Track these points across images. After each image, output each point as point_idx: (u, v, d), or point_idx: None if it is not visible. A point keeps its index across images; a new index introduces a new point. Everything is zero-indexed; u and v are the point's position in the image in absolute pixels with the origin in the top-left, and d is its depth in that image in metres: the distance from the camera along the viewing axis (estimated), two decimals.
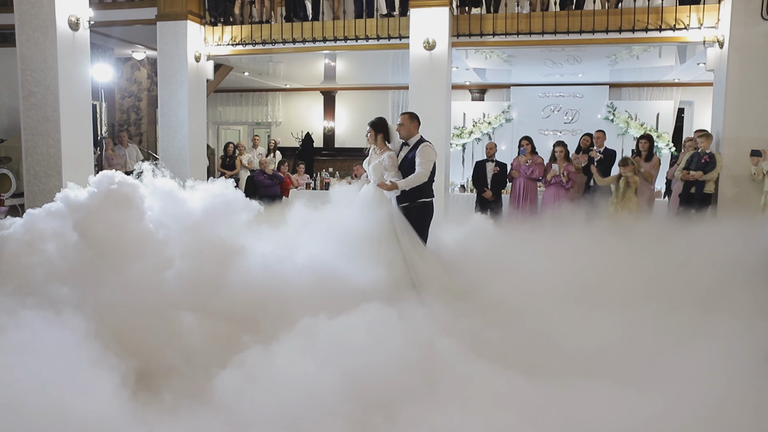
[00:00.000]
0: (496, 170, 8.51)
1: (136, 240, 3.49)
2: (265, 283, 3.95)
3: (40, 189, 6.72)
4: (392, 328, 3.25)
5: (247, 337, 3.35)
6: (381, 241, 4.80)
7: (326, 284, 4.09)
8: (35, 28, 6.54)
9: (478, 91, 13.48)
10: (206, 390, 2.86)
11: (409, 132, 5.37)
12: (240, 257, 3.96)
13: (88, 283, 3.41)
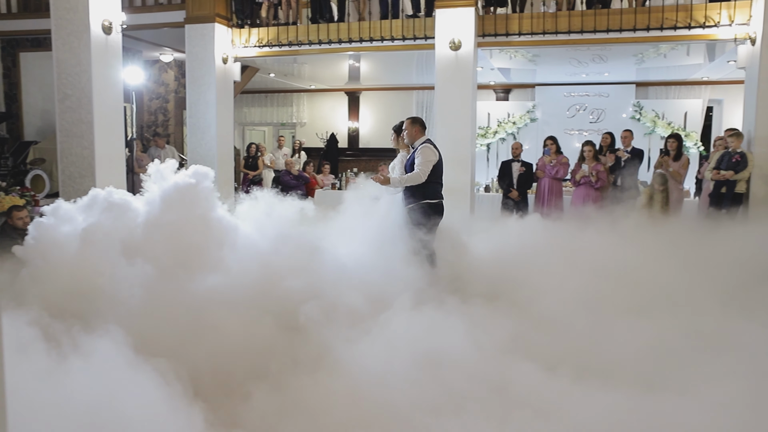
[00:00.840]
0: (522, 170, 8.50)
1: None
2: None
3: (74, 189, 6.87)
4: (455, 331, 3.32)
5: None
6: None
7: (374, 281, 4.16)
8: (70, 33, 6.69)
9: (502, 90, 13.44)
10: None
11: (411, 136, 5.47)
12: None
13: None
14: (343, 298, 3.76)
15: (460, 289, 4.36)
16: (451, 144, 8.24)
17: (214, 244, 3.69)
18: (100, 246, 3.45)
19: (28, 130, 10.86)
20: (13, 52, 10.99)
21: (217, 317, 3.15)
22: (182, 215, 3.65)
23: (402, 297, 3.80)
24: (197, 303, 3.24)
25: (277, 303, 3.48)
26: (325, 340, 3.26)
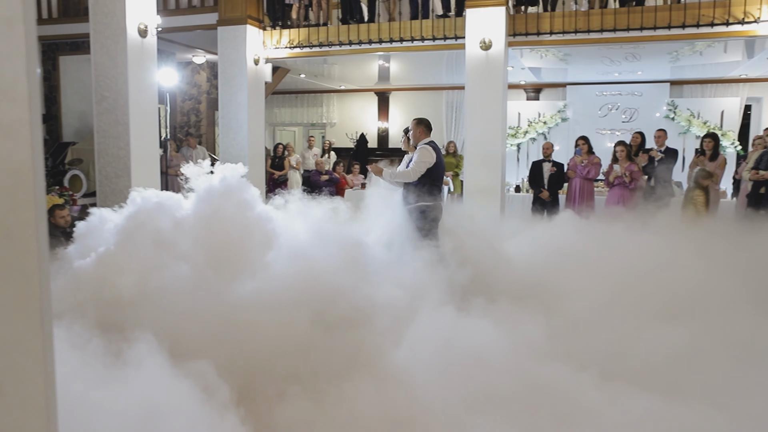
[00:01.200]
0: (553, 170, 8.42)
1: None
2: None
3: (111, 189, 7.04)
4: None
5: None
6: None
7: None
8: (108, 37, 6.85)
9: (533, 90, 13.33)
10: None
11: (415, 137, 5.49)
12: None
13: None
14: (382, 297, 3.77)
15: (494, 290, 4.32)
16: (481, 144, 8.22)
17: (259, 243, 3.74)
18: (144, 248, 3.49)
19: (67, 132, 11.14)
20: (53, 55, 11.29)
21: (258, 317, 3.15)
22: (226, 213, 3.70)
23: (431, 297, 3.80)
24: (240, 303, 3.24)
25: (320, 301, 3.49)
26: (367, 341, 3.26)
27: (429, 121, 5.58)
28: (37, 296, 1.22)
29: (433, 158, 5.27)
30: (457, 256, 4.82)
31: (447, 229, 5.38)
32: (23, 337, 1.22)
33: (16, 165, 1.19)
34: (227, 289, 3.33)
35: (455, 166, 11.35)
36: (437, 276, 4.36)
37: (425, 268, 4.43)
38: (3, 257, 1.18)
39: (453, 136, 13.70)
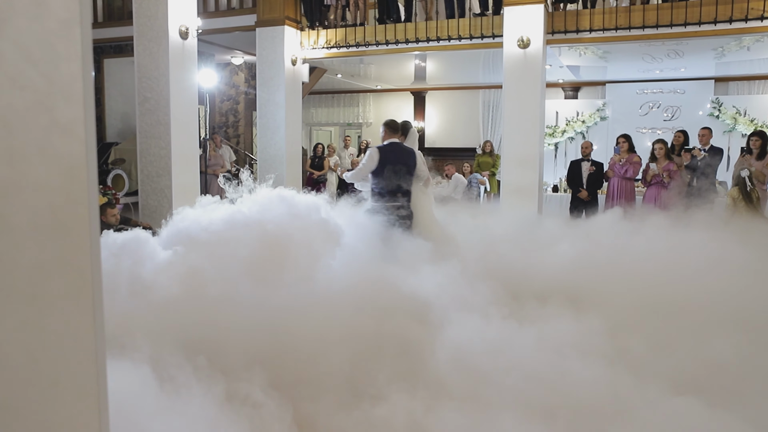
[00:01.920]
0: (592, 170, 8.28)
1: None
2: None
3: (152, 188, 7.20)
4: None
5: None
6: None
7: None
8: (150, 39, 7.01)
9: (571, 89, 13.14)
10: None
11: (382, 139, 5.51)
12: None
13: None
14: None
15: (547, 293, 4.22)
16: (518, 143, 8.14)
17: (322, 247, 3.79)
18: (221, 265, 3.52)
19: (110, 132, 11.44)
20: (98, 58, 11.61)
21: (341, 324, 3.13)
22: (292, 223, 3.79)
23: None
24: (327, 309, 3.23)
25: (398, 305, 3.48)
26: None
27: (395, 122, 5.53)
28: (90, 291, 1.26)
29: (373, 162, 5.21)
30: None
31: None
32: (76, 330, 1.26)
33: (71, 162, 1.22)
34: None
35: (491, 165, 11.27)
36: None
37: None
38: (57, 251, 1.22)
39: (490, 135, 13.61)
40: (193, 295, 3.24)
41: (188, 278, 3.38)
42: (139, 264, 3.52)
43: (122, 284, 3.32)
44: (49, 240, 1.20)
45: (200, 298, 3.21)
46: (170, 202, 7.06)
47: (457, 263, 4.37)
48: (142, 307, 3.14)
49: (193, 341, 2.77)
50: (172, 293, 3.28)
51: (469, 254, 4.91)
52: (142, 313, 3.04)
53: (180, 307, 3.14)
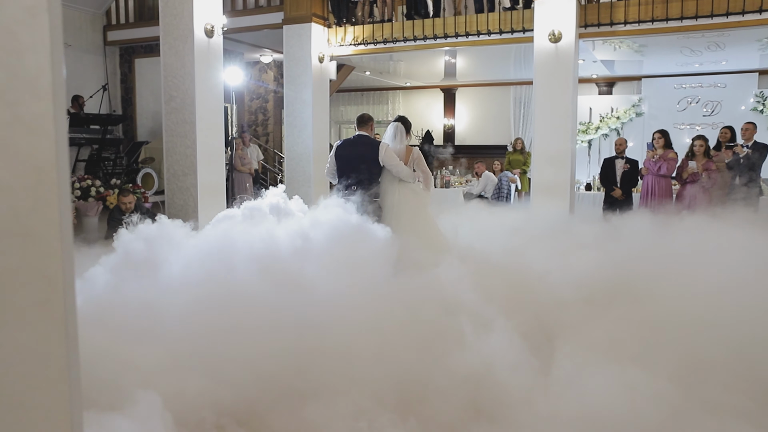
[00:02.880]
0: (626, 167, 8.00)
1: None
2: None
3: (178, 186, 7.20)
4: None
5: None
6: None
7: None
8: (176, 38, 7.00)
9: (605, 84, 12.79)
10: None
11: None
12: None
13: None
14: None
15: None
16: (550, 140, 7.91)
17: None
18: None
19: (141, 131, 11.55)
20: (130, 58, 11.74)
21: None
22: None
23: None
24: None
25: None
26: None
27: (361, 116, 5.50)
28: (62, 301, 1.16)
29: (330, 157, 5.39)
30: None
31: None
32: (47, 343, 1.16)
33: (39, 162, 1.13)
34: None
35: (522, 163, 11.03)
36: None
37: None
38: (25, 259, 1.13)
39: (521, 132, 13.35)
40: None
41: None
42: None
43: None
44: (14, 247, 1.11)
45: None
46: (195, 200, 7.04)
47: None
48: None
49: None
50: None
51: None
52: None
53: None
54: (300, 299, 3.23)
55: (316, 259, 3.65)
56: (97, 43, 11.31)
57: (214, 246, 3.75)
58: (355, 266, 3.57)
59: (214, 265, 3.52)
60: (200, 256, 3.62)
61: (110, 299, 3.32)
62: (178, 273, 3.53)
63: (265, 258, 3.61)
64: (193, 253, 3.68)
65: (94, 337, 2.66)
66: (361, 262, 3.63)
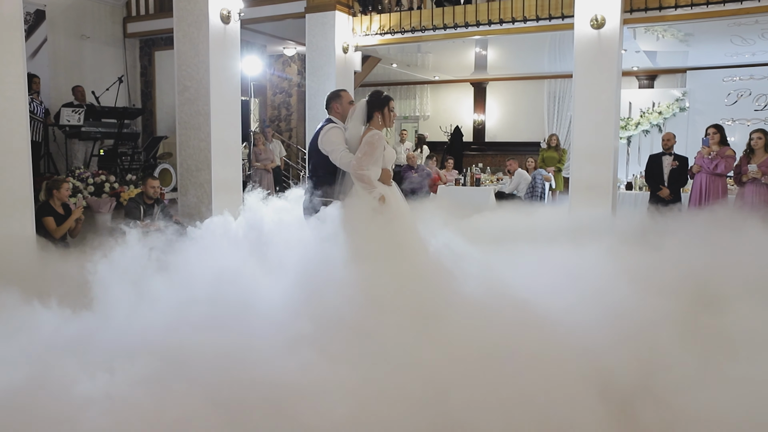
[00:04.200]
0: (675, 165, 7.35)
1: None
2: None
3: (192, 182, 6.78)
4: None
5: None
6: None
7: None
8: (190, 24, 6.59)
9: (646, 77, 12.10)
10: None
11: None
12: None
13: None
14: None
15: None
16: (590, 136, 7.30)
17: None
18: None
19: (161, 126, 11.22)
20: (150, 51, 11.41)
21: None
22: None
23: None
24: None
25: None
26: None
27: (330, 93, 4.58)
28: None
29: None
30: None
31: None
32: None
33: None
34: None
35: (557, 160, 10.42)
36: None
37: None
38: None
39: (555, 128, 12.73)
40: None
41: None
42: None
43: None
44: None
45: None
46: (210, 197, 6.63)
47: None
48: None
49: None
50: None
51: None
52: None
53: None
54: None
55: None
56: (116, 35, 11.00)
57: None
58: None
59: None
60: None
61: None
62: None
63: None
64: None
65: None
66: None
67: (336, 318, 2.96)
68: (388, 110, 3.96)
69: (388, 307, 3.00)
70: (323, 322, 2.93)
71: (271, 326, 2.93)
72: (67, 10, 10.02)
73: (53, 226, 5.57)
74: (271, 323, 2.96)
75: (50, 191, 5.70)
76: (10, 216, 4.64)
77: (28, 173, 4.73)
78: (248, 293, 3.25)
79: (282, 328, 2.90)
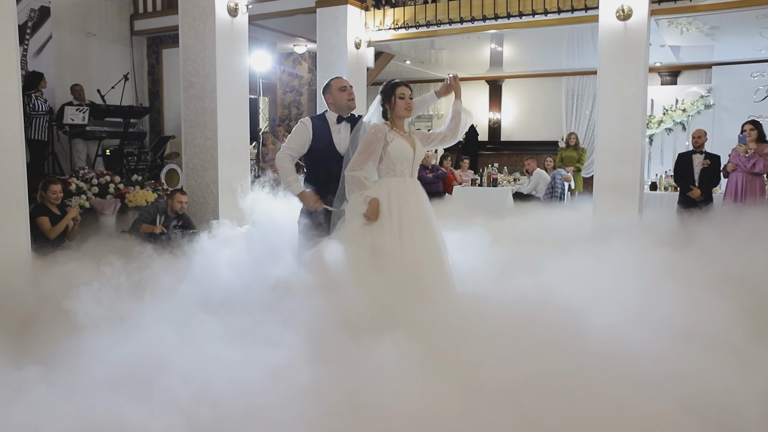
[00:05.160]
0: (706, 164, 6.95)
1: None
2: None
3: (197, 183, 6.48)
4: None
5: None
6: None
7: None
8: (196, 17, 6.30)
9: (668, 73, 11.68)
10: None
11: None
12: None
13: None
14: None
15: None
16: (615, 135, 6.93)
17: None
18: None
19: (168, 125, 10.96)
20: (157, 49, 11.16)
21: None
22: None
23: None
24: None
25: None
26: None
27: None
28: None
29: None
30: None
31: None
32: None
33: None
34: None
35: (576, 160, 10.04)
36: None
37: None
38: None
39: (573, 126, 12.34)
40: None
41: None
42: None
43: None
44: None
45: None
46: (216, 199, 6.32)
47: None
48: None
49: None
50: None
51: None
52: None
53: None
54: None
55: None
56: (123, 32, 10.75)
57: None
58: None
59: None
60: None
61: None
62: None
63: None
64: None
65: None
66: None
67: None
68: (395, 98, 3.45)
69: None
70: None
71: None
72: (72, 7, 9.78)
73: (47, 227, 5.29)
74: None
75: (44, 191, 5.43)
76: (4, 219, 4.35)
77: (22, 173, 4.44)
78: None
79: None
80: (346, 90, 3.81)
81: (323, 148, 3.74)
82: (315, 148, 3.76)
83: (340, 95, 3.78)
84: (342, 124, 3.77)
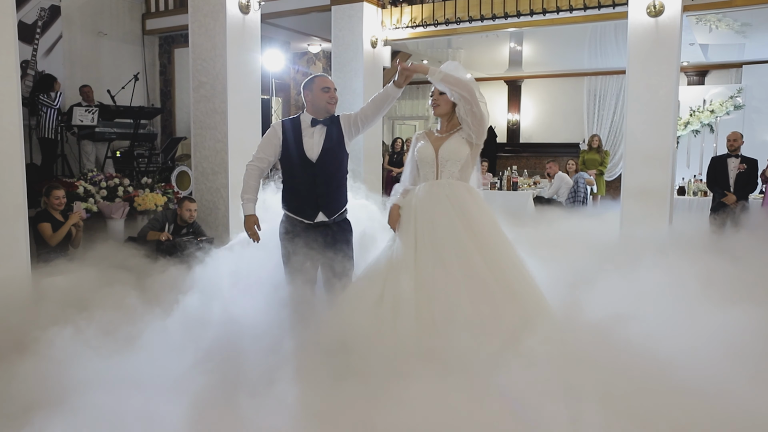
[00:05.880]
0: (742, 168, 6.60)
1: None
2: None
3: (207, 187, 6.23)
4: None
5: None
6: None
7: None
8: (206, 14, 6.05)
9: (695, 73, 11.29)
10: None
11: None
12: None
13: None
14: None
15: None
16: (646, 136, 6.58)
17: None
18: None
19: (180, 127, 10.75)
20: (169, 48, 10.96)
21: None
22: None
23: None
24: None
25: None
26: None
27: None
28: None
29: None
30: None
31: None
32: None
33: None
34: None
35: (599, 163, 9.68)
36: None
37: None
38: None
39: (596, 128, 11.96)
40: None
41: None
42: None
43: None
44: None
45: None
46: (226, 203, 6.06)
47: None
48: None
49: None
50: None
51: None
52: None
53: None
54: None
55: None
56: (135, 32, 10.55)
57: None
58: None
59: None
60: None
61: None
62: None
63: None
64: None
65: None
66: None
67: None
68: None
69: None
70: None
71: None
72: (83, 6, 9.59)
73: (49, 233, 5.05)
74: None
75: (47, 197, 5.20)
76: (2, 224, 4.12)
77: (21, 177, 4.19)
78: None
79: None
80: (329, 92, 3.46)
81: (293, 154, 3.43)
82: (286, 155, 3.46)
83: (320, 96, 3.43)
84: (317, 127, 3.44)
